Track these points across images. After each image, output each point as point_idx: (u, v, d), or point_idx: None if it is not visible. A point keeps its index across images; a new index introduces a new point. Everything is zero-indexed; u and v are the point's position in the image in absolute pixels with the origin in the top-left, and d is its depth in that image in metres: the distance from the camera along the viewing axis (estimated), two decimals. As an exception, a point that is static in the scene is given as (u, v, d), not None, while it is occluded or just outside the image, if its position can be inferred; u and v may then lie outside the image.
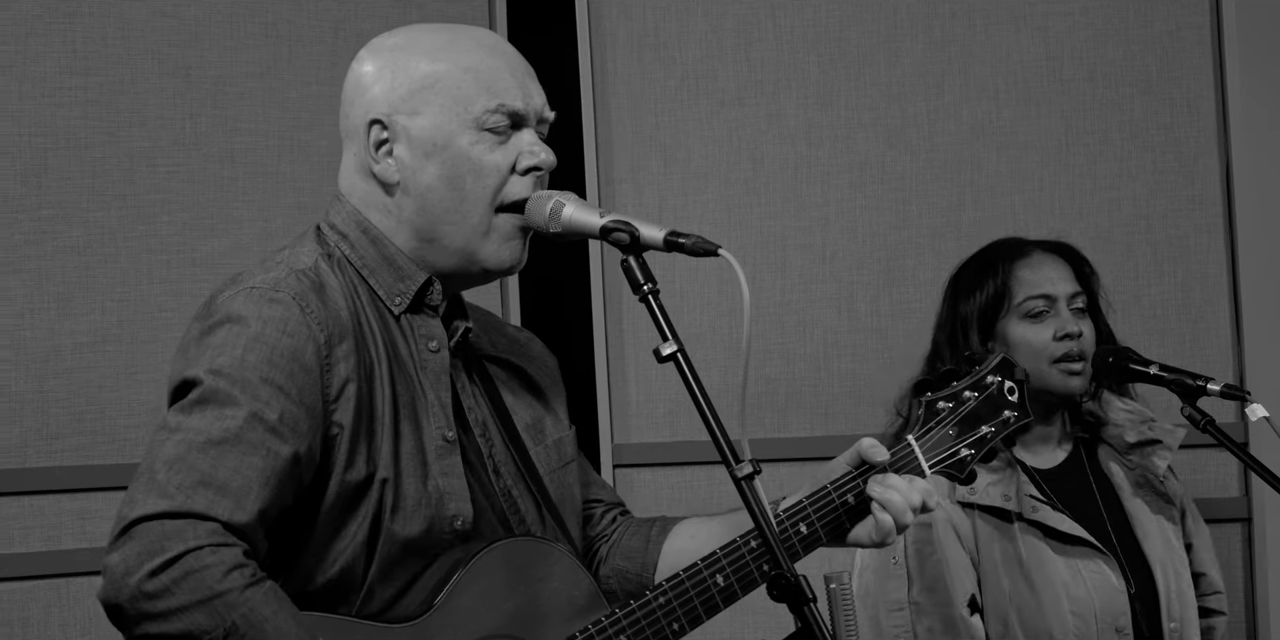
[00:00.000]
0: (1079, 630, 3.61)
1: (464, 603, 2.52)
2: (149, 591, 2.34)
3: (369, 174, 2.65)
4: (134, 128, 4.23)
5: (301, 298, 2.54)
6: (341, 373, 2.53)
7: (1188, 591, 3.74)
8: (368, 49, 2.70)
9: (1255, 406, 3.47)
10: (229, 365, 2.47)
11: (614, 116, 4.56)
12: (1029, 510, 3.65)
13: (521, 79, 2.66)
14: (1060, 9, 4.60)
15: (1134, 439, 3.81)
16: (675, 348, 2.43)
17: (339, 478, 2.52)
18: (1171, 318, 4.58)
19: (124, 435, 4.15)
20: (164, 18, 4.27)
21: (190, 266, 4.25)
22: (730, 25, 4.59)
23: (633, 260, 2.48)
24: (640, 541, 2.89)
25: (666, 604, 2.58)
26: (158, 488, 2.39)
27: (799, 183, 4.58)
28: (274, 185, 4.34)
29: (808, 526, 2.72)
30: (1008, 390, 2.89)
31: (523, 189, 2.63)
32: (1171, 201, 4.59)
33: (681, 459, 4.51)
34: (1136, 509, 3.77)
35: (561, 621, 2.59)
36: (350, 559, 2.53)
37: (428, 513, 2.56)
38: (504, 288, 4.48)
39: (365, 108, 2.65)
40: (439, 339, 2.67)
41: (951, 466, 2.83)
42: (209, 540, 2.36)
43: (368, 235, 2.66)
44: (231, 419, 2.44)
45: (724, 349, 4.50)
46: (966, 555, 3.63)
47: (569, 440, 2.85)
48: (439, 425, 2.62)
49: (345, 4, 4.42)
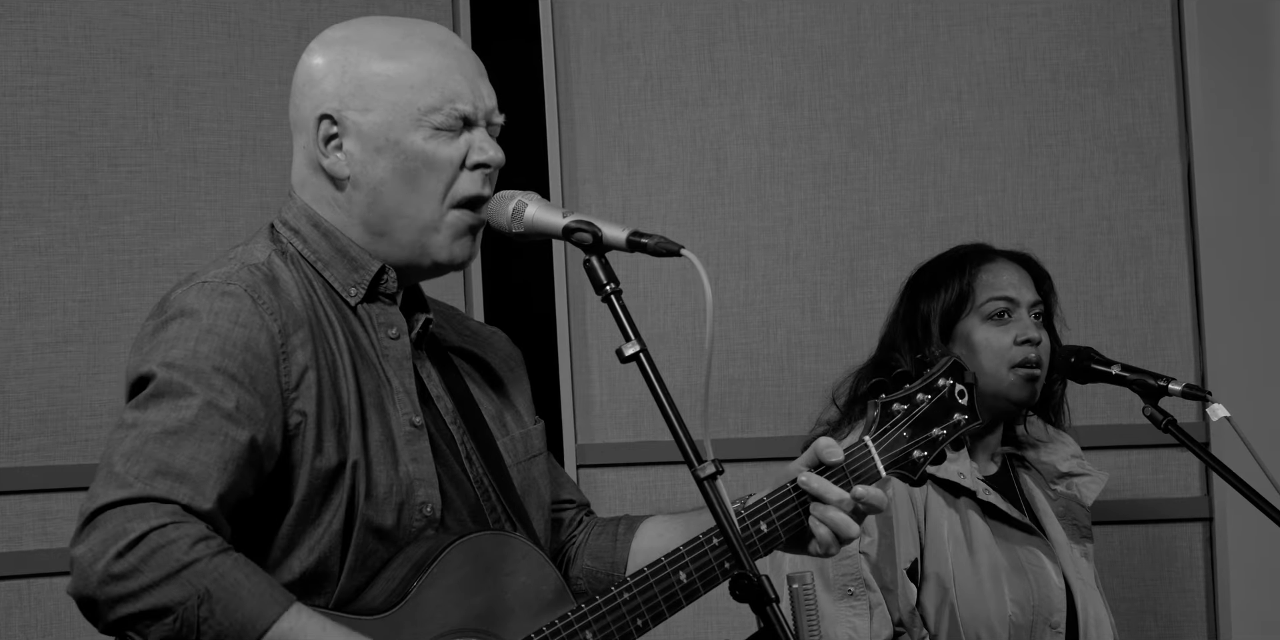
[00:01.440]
0: (1015, 616, 3.62)
1: (432, 597, 2.52)
2: (116, 573, 2.34)
3: (318, 168, 2.66)
4: (96, 127, 4.22)
5: (253, 289, 2.54)
6: (299, 361, 2.53)
7: (1105, 621, 3.76)
8: (319, 41, 2.70)
9: (1216, 406, 3.49)
10: (182, 358, 2.47)
11: (578, 117, 4.57)
12: (982, 492, 3.67)
13: (473, 80, 2.66)
14: (1023, 10, 4.61)
15: (1066, 468, 3.84)
16: (638, 348, 2.43)
17: (309, 466, 2.52)
18: (1133, 318, 4.59)
19: (86, 435, 4.14)
20: (126, 17, 4.26)
21: (152, 266, 4.24)
22: (694, 26, 4.60)
23: (595, 260, 2.49)
24: (608, 541, 2.89)
25: (631, 600, 2.59)
26: (116, 479, 2.39)
27: (762, 183, 4.58)
28: (236, 185, 4.33)
29: (768, 525, 2.73)
30: (958, 393, 2.92)
31: (471, 185, 2.64)
32: (1133, 202, 4.61)
33: (645, 459, 4.51)
34: (1056, 533, 3.79)
35: (528, 616, 2.59)
36: (327, 548, 2.54)
37: (398, 499, 2.57)
38: (468, 287, 4.48)
39: (315, 102, 2.65)
40: (398, 326, 2.68)
41: (905, 467, 2.85)
42: (171, 518, 2.36)
43: (319, 229, 2.67)
44: (186, 409, 2.44)
45: (687, 349, 4.50)
46: (915, 522, 3.65)
47: (536, 434, 2.85)
48: (405, 411, 2.62)
49: (308, 4, 4.41)
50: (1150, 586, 4.56)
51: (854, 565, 3.61)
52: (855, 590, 3.60)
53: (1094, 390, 4.08)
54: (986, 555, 3.65)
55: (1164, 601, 4.51)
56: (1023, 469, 3.86)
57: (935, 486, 3.68)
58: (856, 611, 3.59)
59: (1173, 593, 4.54)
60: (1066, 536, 3.79)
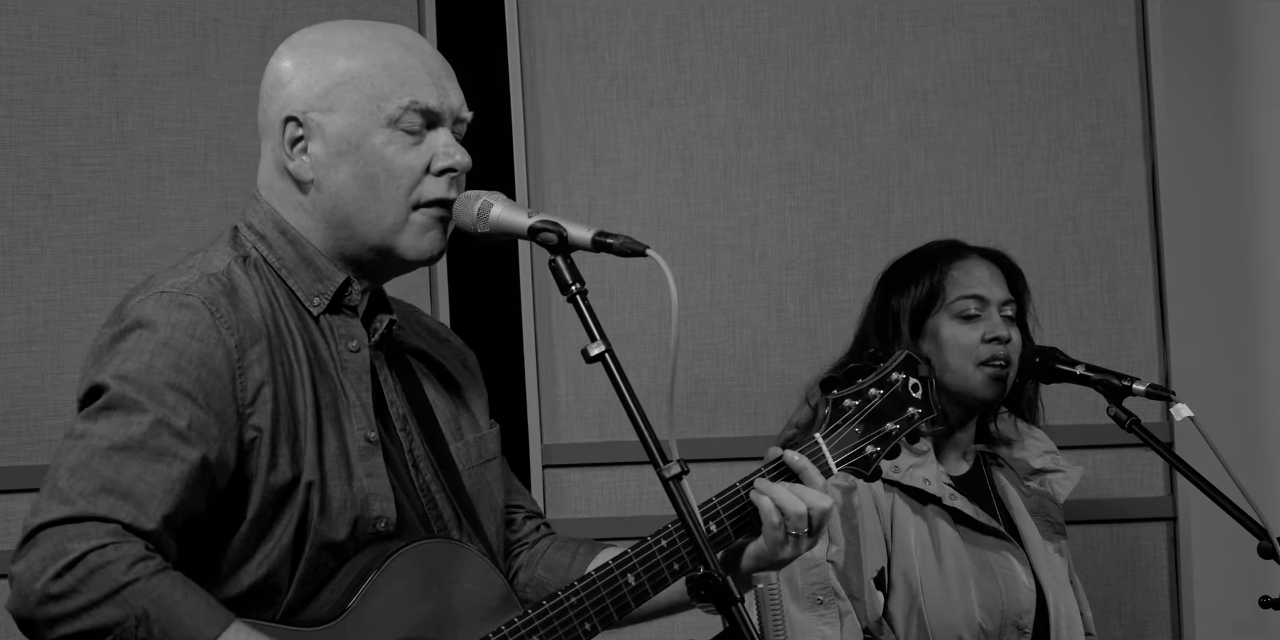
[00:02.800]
0: (984, 622, 3.63)
1: (377, 606, 2.51)
2: (54, 593, 2.33)
3: (284, 171, 2.64)
4: (59, 126, 4.20)
5: (211, 302, 2.52)
6: (255, 376, 2.52)
7: (1077, 619, 3.77)
8: (286, 44, 2.69)
9: (1180, 406, 3.50)
10: (136, 371, 2.45)
11: (543, 116, 4.56)
12: (948, 497, 3.67)
13: (438, 77, 2.65)
14: (988, 11, 4.62)
15: (1039, 465, 3.84)
16: (603, 348, 2.43)
17: (263, 481, 2.51)
18: (1098, 318, 4.60)
19: (49, 436, 4.12)
20: (90, 16, 4.24)
21: (117, 266, 4.22)
22: (659, 26, 4.59)
23: (560, 260, 2.49)
24: (566, 556, 2.87)
25: (578, 603, 2.58)
26: (60, 495, 2.38)
27: (728, 183, 4.58)
28: (201, 185, 4.32)
29: (718, 525, 2.73)
30: (911, 387, 2.92)
31: (437, 189, 2.62)
32: (1098, 203, 4.62)
33: (611, 459, 4.50)
34: (1029, 531, 3.79)
35: (475, 623, 2.59)
36: (277, 562, 2.52)
37: (352, 515, 2.56)
38: (433, 287, 4.47)
39: (281, 104, 2.64)
40: (359, 339, 2.66)
41: (858, 464, 2.85)
42: (111, 538, 2.35)
43: (285, 235, 2.65)
44: (136, 425, 2.42)
45: (653, 349, 4.50)
46: (881, 531, 3.65)
47: (490, 438, 2.84)
48: (361, 426, 2.61)
49: (273, 3, 4.40)
50: (1115, 586, 4.57)
51: (821, 574, 3.61)
52: (824, 599, 3.60)
53: (1059, 390, 4.09)
54: (954, 561, 3.65)
55: (1128, 601, 4.52)
56: (996, 467, 3.86)
57: (901, 494, 3.67)
58: (826, 620, 3.59)
59: (1137, 592, 4.56)
60: (1040, 534, 3.80)
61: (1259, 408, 4.88)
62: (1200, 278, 4.66)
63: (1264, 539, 3.38)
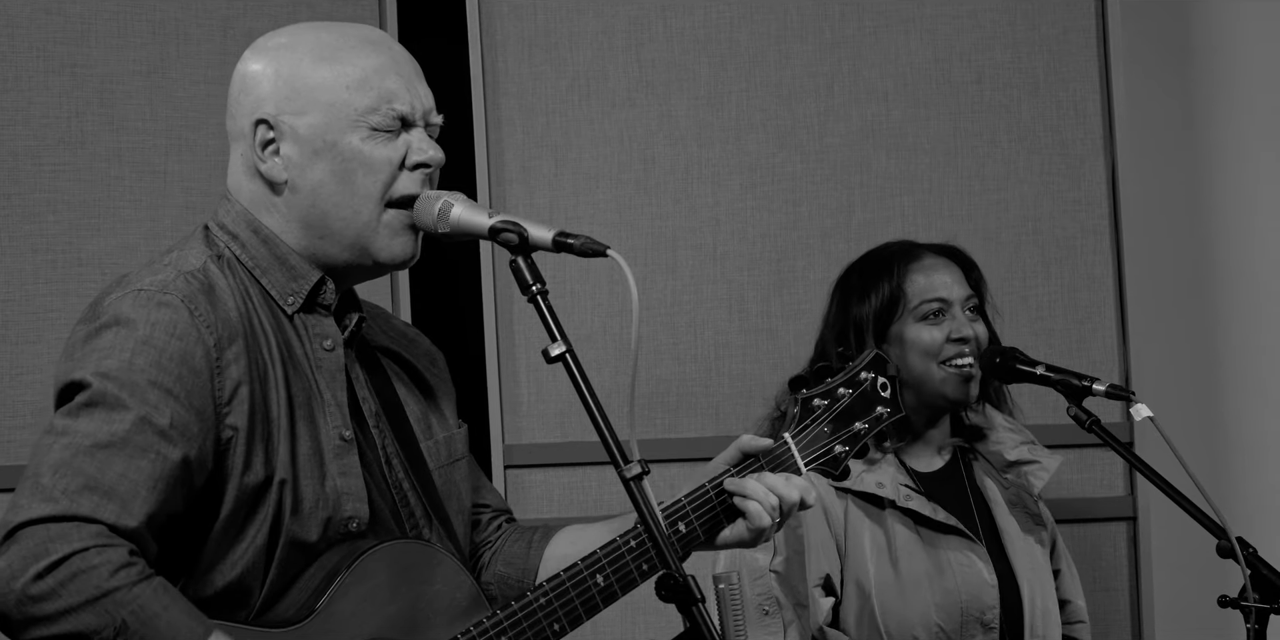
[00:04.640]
0: (942, 622, 3.63)
1: (346, 607, 2.51)
2: (35, 595, 2.32)
3: (256, 173, 2.64)
4: (18, 125, 4.19)
5: (190, 300, 2.52)
6: (233, 375, 2.52)
7: (1053, 611, 3.78)
8: (253, 49, 2.69)
9: (1140, 406, 3.50)
10: (117, 368, 2.45)
11: (505, 117, 4.56)
12: (902, 498, 3.67)
13: (410, 80, 2.66)
14: (949, 12, 4.63)
15: (1014, 457, 3.85)
16: (564, 348, 2.44)
17: (237, 481, 2.51)
18: (1058, 318, 4.62)
19: (8, 437, 4.11)
20: (49, 15, 4.23)
21: (76, 266, 4.21)
22: (621, 26, 4.59)
23: (521, 261, 2.49)
24: (522, 547, 2.88)
25: (547, 604, 2.58)
26: (42, 492, 2.37)
27: (690, 183, 4.59)
28: (162, 184, 4.30)
29: (686, 525, 2.74)
30: (880, 386, 2.93)
31: (411, 184, 2.63)
32: (1058, 203, 4.63)
33: (573, 460, 4.50)
34: (1008, 524, 3.80)
35: (444, 624, 2.59)
36: (250, 563, 2.52)
37: (325, 515, 2.56)
38: (395, 286, 4.47)
39: (251, 108, 2.64)
40: (333, 338, 2.66)
41: (827, 463, 2.86)
42: (94, 541, 2.34)
43: (259, 235, 2.65)
44: (119, 423, 2.42)
45: (614, 349, 4.50)
46: (832, 538, 3.65)
47: (459, 438, 2.84)
48: (335, 425, 2.61)
49: (234, 2, 4.38)
50: (1075, 585, 4.58)
51: (765, 585, 3.62)
52: (770, 609, 3.60)
53: (1019, 390, 4.09)
54: (909, 563, 3.65)
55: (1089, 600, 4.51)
56: (975, 460, 3.86)
57: (855, 500, 3.68)
58: (771, 630, 3.60)
59: (1097, 591, 4.57)
60: (1019, 526, 3.80)
61: (1218, 407, 4.91)
62: (1160, 278, 4.67)
63: (1223, 538, 3.39)
